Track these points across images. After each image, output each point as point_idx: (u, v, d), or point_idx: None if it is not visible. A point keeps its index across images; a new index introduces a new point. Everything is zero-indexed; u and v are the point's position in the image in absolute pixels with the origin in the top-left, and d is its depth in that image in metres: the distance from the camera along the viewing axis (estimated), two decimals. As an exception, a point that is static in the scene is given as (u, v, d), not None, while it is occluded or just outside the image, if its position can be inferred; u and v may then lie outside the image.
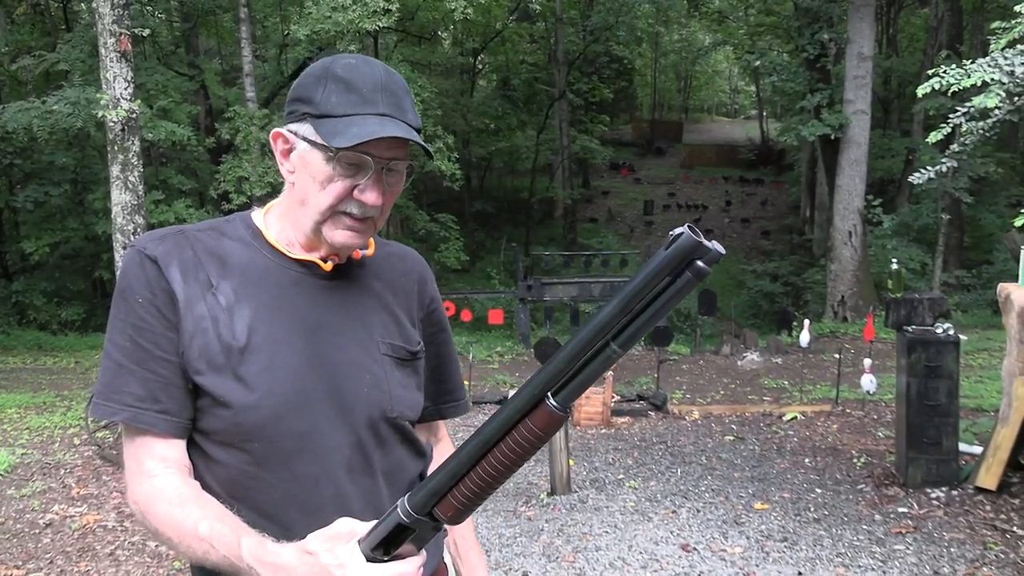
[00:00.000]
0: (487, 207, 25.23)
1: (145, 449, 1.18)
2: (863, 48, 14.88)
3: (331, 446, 1.21)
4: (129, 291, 1.18)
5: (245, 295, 1.21)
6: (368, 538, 1.03)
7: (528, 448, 0.95)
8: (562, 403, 0.93)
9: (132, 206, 7.02)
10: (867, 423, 7.06)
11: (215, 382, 1.17)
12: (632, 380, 9.83)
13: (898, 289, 6.03)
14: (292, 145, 1.22)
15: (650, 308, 0.89)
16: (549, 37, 24.25)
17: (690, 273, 0.87)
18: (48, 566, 4.35)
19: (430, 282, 1.43)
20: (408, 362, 1.32)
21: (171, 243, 1.22)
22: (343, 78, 1.18)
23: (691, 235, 0.86)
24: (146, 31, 7.90)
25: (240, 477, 1.19)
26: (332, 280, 1.28)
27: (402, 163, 1.22)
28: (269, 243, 1.26)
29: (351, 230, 1.21)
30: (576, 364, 0.92)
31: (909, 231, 17.13)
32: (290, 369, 1.19)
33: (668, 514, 4.96)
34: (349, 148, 1.15)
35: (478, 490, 0.98)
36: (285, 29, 18.33)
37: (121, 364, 1.17)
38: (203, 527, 1.10)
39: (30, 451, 6.46)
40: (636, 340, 0.91)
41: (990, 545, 4.24)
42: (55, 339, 14.37)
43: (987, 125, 6.32)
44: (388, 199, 1.23)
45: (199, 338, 1.17)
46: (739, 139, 38.61)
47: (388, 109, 1.18)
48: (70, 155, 15.51)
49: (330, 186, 1.19)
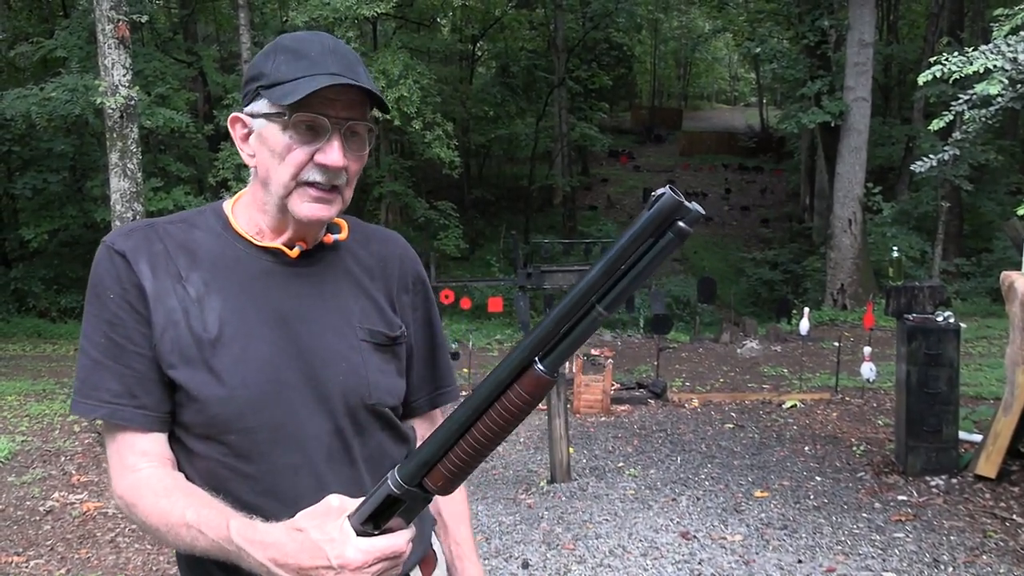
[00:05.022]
0: (486, 195, 25.17)
1: (127, 445, 1.18)
2: (864, 35, 14.82)
3: (309, 435, 1.20)
4: (100, 287, 1.18)
5: (215, 286, 1.20)
6: (358, 513, 1.03)
7: (517, 413, 0.95)
8: (550, 367, 0.93)
9: (131, 193, 6.99)
10: (867, 411, 7.07)
11: (188, 375, 1.16)
12: (632, 368, 9.84)
13: (898, 277, 6.02)
14: (250, 127, 1.22)
15: (634, 269, 0.90)
16: (548, 24, 24.09)
17: (672, 233, 0.87)
18: (48, 553, 4.36)
19: (414, 264, 1.40)
20: (387, 347, 1.30)
21: (140, 237, 1.21)
22: (291, 47, 1.19)
23: (672, 195, 0.86)
24: (144, 18, 7.85)
25: (219, 469, 1.19)
26: (305, 267, 1.26)
27: (361, 124, 1.20)
28: (238, 233, 1.25)
29: (317, 201, 1.19)
30: (563, 328, 0.92)
31: (909, 219, 17.11)
32: (263, 360, 1.18)
33: (668, 502, 4.97)
34: (301, 102, 1.13)
35: (468, 458, 0.98)
36: (283, 15, 18.27)
37: (97, 361, 1.17)
38: (190, 514, 1.10)
39: (30, 438, 6.47)
40: (621, 302, 0.92)
41: (989, 533, 4.25)
42: (54, 326, 14.38)
43: (989, 113, 6.29)
44: (353, 165, 1.21)
45: (170, 331, 1.16)
46: (739, 126, 38.52)
47: (339, 69, 1.17)
48: (68, 142, 15.46)
49: (289, 156, 1.17)
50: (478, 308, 13.96)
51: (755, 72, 35.94)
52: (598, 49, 26.83)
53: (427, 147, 15.32)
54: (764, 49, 17.25)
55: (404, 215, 19.82)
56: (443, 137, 15.06)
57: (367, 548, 1.01)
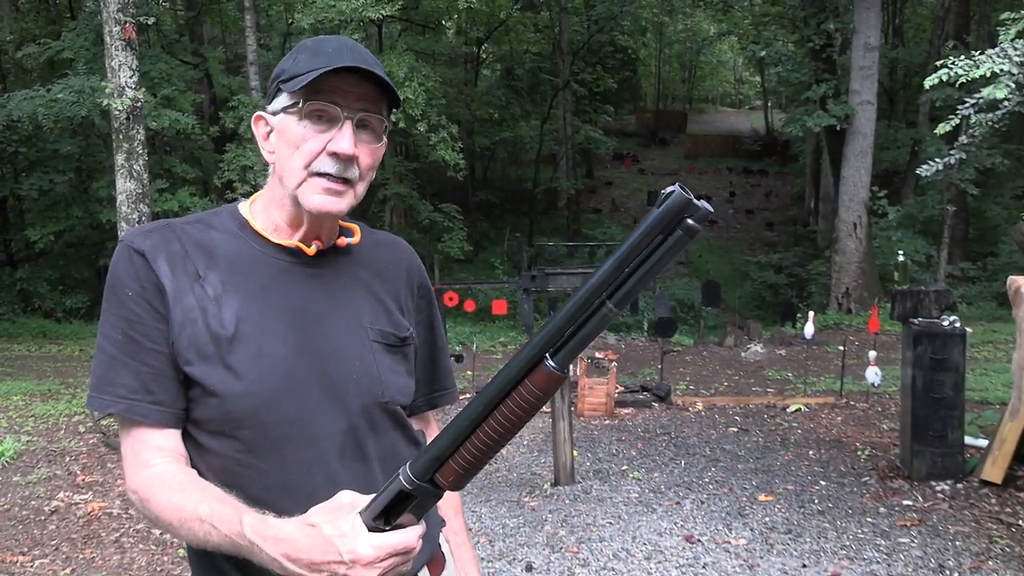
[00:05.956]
0: (491, 197, 25.17)
1: (141, 440, 1.20)
2: (869, 38, 14.79)
3: (322, 432, 1.22)
4: (119, 285, 1.20)
5: (232, 285, 1.22)
6: (369, 508, 1.04)
7: (528, 409, 0.96)
8: (560, 363, 0.95)
9: (137, 194, 7.00)
10: (871, 415, 7.05)
11: (205, 371, 1.18)
12: (636, 371, 9.83)
13: (903, 281, 6.00)
14: (271, 125, 1.26)
15: (644, 266, 0.91)
16: (553, 26, 24.08)
17: (681, 231, 0.89)
18: (53, 553, 4.37)
19: (419, 270, 1.45)
20: (397, 348, 1.33)
21: (158, 237, 1.23)
22: (311, 47, 1.24)
23: (682, 193, 0.88)
24: (151, 19, 7.87)
25: (232, 465, 1.20)
26: (319, 268, 1.29)
27: (374, 117, 1.23)
28: (256, 232, 1.28)
29: (328, 193, 1.22)
30: (573, 324, 0.94)
31: (914, 223, 17.06)
32: (279, 356, 1.20)
33: (672, 505, 4.96)
34: (314, 90, 1.18)
35: (479, 454, 0.99)
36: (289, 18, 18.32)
37: (114, 357, 1.19)
38: (203, 509, 1.11)
39: (35, 438, 6.48)
40: (631, 298, 0.93)
41: (995, 538, 4.23)
42: (60, 327, 14.40)
43: (996, 117, 6.28)
44: (365, 159, 1.24)
45: (188, 328, 1.18)
46: (743, 130, 38.45)
47: (353, 62, 1.19)
48: (75, 143, 15.49)
49: (303, 145, 1.21)
50: (482, 311, 13.95)
51: (760, 75, 35.92)
52: (603, 52, 26.80)
53: (432, 149, 15.32)
54: (769, 52, 17.23)
55: (408, 217, 19.83)
56: (448, 139, 15.06)
57: (378, 543, 1.02)
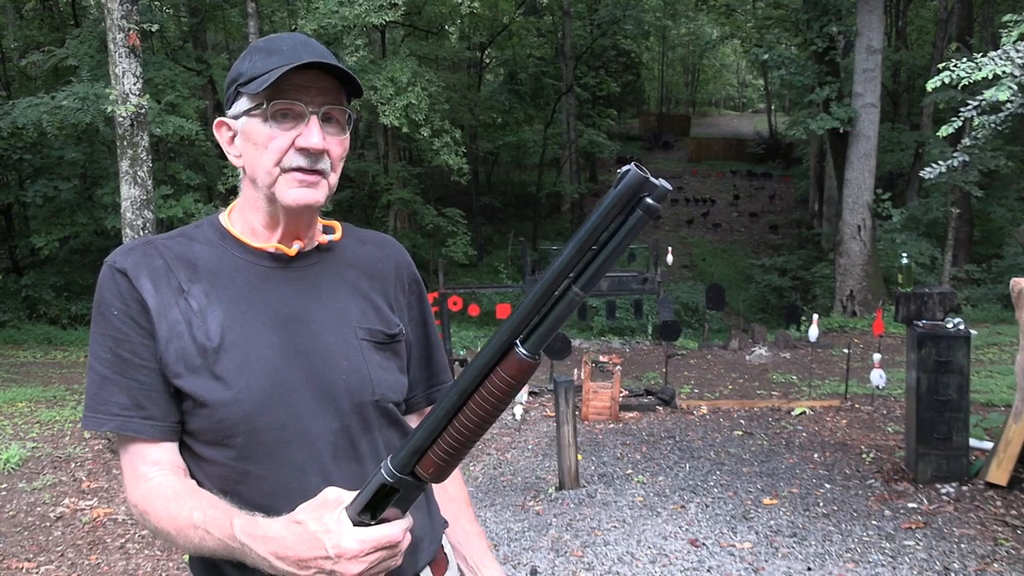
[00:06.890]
0: (494, 201, 25.22)
1: (138, 455, 1.22)
2: (872, 41, 14.78)
3: (315, 434, 1.23)
4: (104, 305, 1.22)
5: (216, 296, 1.23)
6: (354, 503, 1.05)
7: (501, 397, 0.97)
8: (531, 350, 0.95)
9: (141, 201, 7.02)
10: (876, 418, 7.03)
11: (194, 383, 1.19)
12: (640, 375, 9.82)
13: (908, 284, 5.99)
14: (234, 129, 1.27)
15: (605, 248, 0.91)
16: (556, 31, 24.17)
17: (641, 210, 0.89)
18: (59, 559, 4.38)
19: (408, 267, 1.45)
20: (387, 345, 1.33)
21: (140, 254, 1.25)
22: (264, 47, 1.25)
23: (638, 171, 0.88)
24: (155, 26, 7.88)
25: (229, 473, 1.22)
26: (302, 270, 1.30)
27: (337, 109, 1.25)
28: (237, 240, 1.29)
29: (303, 184, 1.23)
30: (541, 310, 0.94)
31: (918, 225, 17.03)
32: (266, 362, 1.21)
33: (677, 509, 4.95)
34: (277, 90, 1.18)
35: (457, 444, 0.99)
36: (293, 24, 18.36)
37: (104, 376, 1.21)
38: (197, 515, 1.13)
39: (41, 445, 6.49)
40: (596, 282, 0.93)
41: (1001, 541, 4.22)
42: (65, 333, 14.44)
43: (999, 119, 6.27)
44: (335, 149, 1.25)
45: (175, 342, 1.20)
46: (747, 133, 38.49)
47: (312, 57, 1.20)
48: (79, 150, 15.54)
49: (271, 143, 1.22)
50: (486, 315, 13.96)
51: (763, 78, 35.92)
52: (606, 56, 26.87)
53: (435, 154, 15.36)
54: (772, 55, 17.22)
55: (412, 222, 19.86)
56: (451, 144, 15.09)
57: (363, 537, 1.04)
